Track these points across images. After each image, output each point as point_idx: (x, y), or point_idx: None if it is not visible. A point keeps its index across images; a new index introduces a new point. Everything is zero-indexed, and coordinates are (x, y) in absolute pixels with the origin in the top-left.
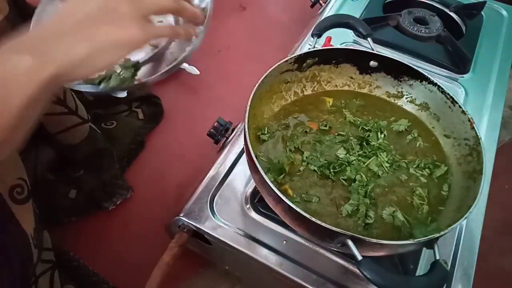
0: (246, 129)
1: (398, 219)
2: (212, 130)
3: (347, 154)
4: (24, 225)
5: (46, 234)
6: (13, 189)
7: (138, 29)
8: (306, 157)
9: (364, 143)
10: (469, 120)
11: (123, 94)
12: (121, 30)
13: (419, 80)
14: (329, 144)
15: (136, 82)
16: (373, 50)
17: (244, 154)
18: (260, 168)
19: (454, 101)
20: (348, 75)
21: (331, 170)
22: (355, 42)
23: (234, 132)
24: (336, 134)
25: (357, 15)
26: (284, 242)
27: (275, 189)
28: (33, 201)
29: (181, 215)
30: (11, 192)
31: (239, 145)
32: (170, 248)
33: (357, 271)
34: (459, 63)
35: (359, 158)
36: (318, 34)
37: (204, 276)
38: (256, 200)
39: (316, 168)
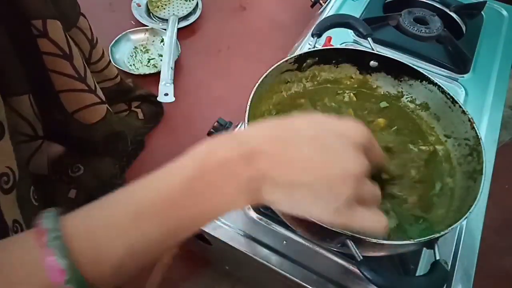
0: None
1: (396, 219)
2: (212, 130)
3: None
4: (6, 216)
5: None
6: (0, 177)
7: (331, 214)
8: None
9: None
10: (469, 120)
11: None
12: (320, 209)
13: (419, 80)
14: None
15: None
16: (373, 50)
17: None
18: None
19: (454, 101)
20: (348, 75)
21: None
22: (355, 42)
23: None
24: None
25: (357, 15)
26: (284, 242)
27: None
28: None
29: None
30: None
31: None
32: (170, 248)
33: (357, 271)
34: (459, 63)
35: None
36: (318, 34)
37: (204, 276)
38: None
39: None
